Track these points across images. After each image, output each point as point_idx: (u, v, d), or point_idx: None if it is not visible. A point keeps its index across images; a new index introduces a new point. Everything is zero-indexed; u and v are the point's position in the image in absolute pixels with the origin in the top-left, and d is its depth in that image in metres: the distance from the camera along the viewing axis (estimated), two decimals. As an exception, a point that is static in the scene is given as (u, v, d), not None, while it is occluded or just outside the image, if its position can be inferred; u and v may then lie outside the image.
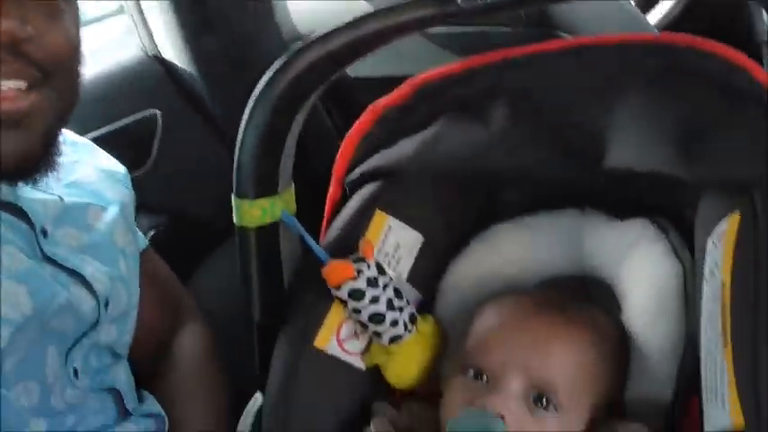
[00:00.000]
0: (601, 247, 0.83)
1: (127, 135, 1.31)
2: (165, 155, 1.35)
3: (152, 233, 1.32)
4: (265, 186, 0.83)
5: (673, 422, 0.72)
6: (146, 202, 1.34)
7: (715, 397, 0.60)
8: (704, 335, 0.64)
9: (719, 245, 0.63)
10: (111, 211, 0.90)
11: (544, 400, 0.72)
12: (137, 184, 1.30)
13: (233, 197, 0.83)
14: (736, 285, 0.59)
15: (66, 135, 0.86)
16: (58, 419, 0.77)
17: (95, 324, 0.81)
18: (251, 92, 1.34)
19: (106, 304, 0.82)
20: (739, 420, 0.56)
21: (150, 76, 1.36)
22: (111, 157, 1.00)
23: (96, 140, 1.25)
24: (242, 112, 1.33)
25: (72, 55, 0.76)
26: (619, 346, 0.76)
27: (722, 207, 0.66)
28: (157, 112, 1.34)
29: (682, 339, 0.72)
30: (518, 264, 0.87)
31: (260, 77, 0.82)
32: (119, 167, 0.99)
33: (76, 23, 0.78)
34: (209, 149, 1.41)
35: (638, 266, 0.78)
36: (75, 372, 0.80)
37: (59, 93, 0.75)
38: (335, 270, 0.78)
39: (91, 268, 0.82)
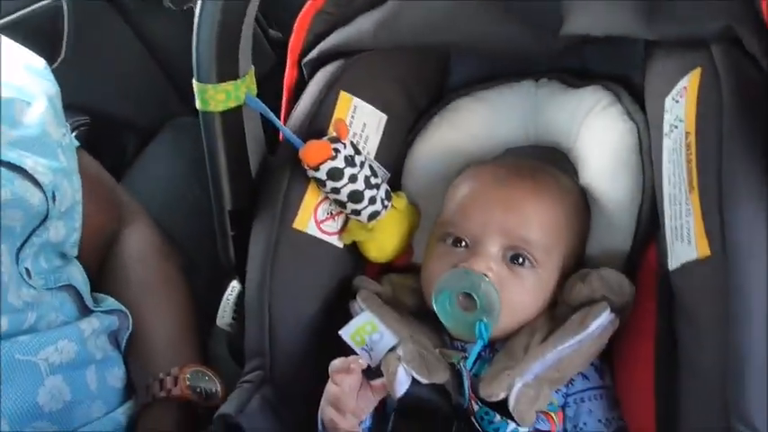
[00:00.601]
0: (557, 116, 0.88)
1: (31, 27, 1.18)
2: (77, 49, 1.23)
3: (73, 134, 1.24)
4: (227, 69, 0.80)
5: (630, 269, 0.80)
6: (64, 100, 1.26)
7: (680, 235, 0.68)
8: (667, 182, 0.71)
9: (681, 100, 0.69)
10: (39, 105, 0.84)
11: (521, 258, 0.77)
12: (50, 82, 1.22)
13: (194, 82, 0.80)
14: (701, 134, 0.65)
15: None
16: (18, 316, 0.76)
17: (44, 219, 0.78)
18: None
19: (53, 197, 0.79)
20: (705, 250, 0.63)
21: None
22: (28, 50, 0.92)
23: (-4, 33, 1.14)
24: (152, 2, 1.26)
25: None
26: (580, 203, 0.83)
27: (680, 65, 0.72)
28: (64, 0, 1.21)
29: (639, 192, 0.80)
30: (479, 137, 0.90)
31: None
32: (37, 60, 0.92)
33: None
34: (124, 42, 1.31)
35: (595, 129, 0.83)
36: (28, 272, 0.78)
37: None
38: (314, 150, 0.78)
39: (30, 161, 0.78)
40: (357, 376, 0.72)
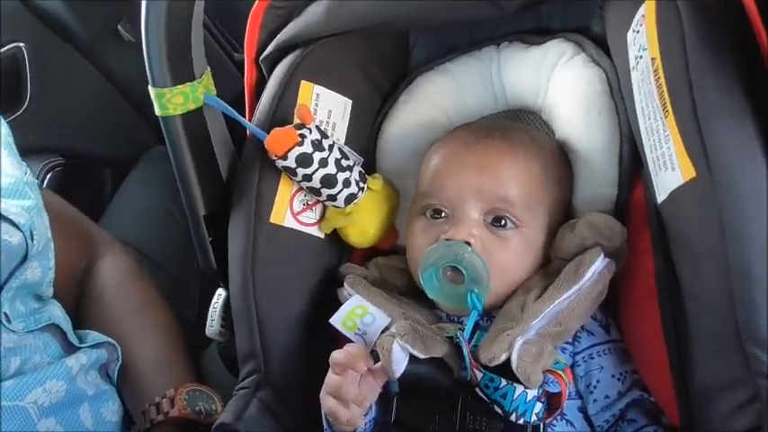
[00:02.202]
0: (522, 76, 0.86)
1: (-10, 74, 1.18)
2: (41, 91, 1.23)
3: (49, 175, 1.23)
4: (182, 72, 0.78)
5: (621, 215, 0.77)
6: (32, 145, 1.24)
7: (663, 164, 0.65)
8: (641, 116, 0.69)
9: (641, 29, 0.68)
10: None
11: (502, 220, 0.75)
12: (16, 128, 1.20)
13: (150, 88, 0.78)
14: (666, 55, 0.63)
15: None
16: (2, 363, 0.73)
17: (23, 260, 0.76)
18: (114, 13, 1.25)
19: (32, 237, 0.76)
20: (689, 171, 0.61)
21: (3, 7, 1.21)
22: None
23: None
24: (108, 35, 1.26)
25: None
26: (558, 155, 0.80)
27: (635, -2, 0.70)
28: (21, 44, 1.21)
29: (616, 135, 0.77)
30: (448, 110, 0.88)
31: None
32: None
33: None
34: (86, 79, 1.30)
35: (562, 81, 0.82)
36: (7, 317, 0.75)
37: None
38: (279, 139, 0.76)
39: (3, 204, 0.76)
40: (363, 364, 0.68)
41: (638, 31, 0.69)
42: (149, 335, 0.88)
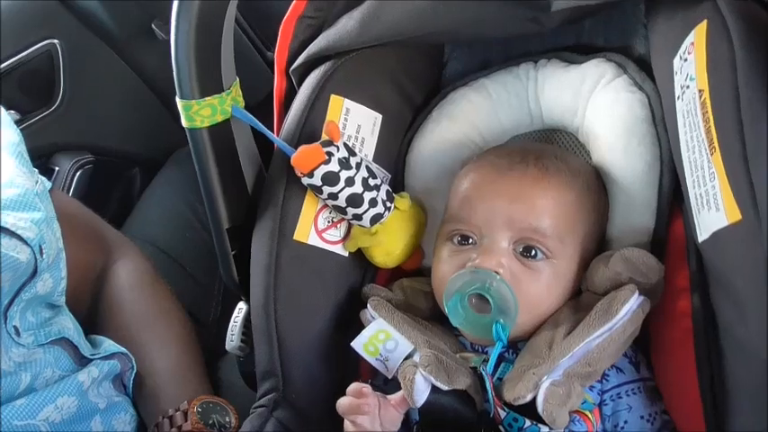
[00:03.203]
0: (560, 96, 0.82)
1: (26, 71, 1.18)
2: (74, 88, 1.24)
3: (79, 173, 1.24)
4: (210, 84, 0.77)
5: (658, 248, 0.74)
6: (64, 141, 1.25)
7: (706, 202, 0.62)
8: (685, 148, 0.65)
9: (689, 57, 0.64)
10: (4, 159, 0.80)
11: (533, 250, 0.72)
12: (48, 124, 1.22)
13: (177, 99, 0.77)
14: (715, 90, 0.60)
15: None
16: (11, 380, 0.72)
17: (33, 274, 0.75)
18: (149, 11, 1.24)
19: (40, 251, 0.75)
20: (735, 214, 0.58)
21: (39, 3, 1.21)
22: None
23: (-8, 82, 1.14)
24: (143, 33, 1.26)
25: None
26: (593, 183, 0.77)
27: (684, 21, 0.66)
28: (56, 41, 1.21)
29: (656, 163, 0.74)
30: (481, 128, 0.86)
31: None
32: None
33: None
34: (118, 76, 1.30)
35: (602, 104, 0.78)
36: (17, 330, 0.74)
37: None
38: (306, 156, 0.75)
39: (11, 218, 0.74)
40: (373, 409, 0.67)
41: (685, 59, 0.65)
42: (164, 344, 0.87)
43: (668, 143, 0.72)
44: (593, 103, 0.80)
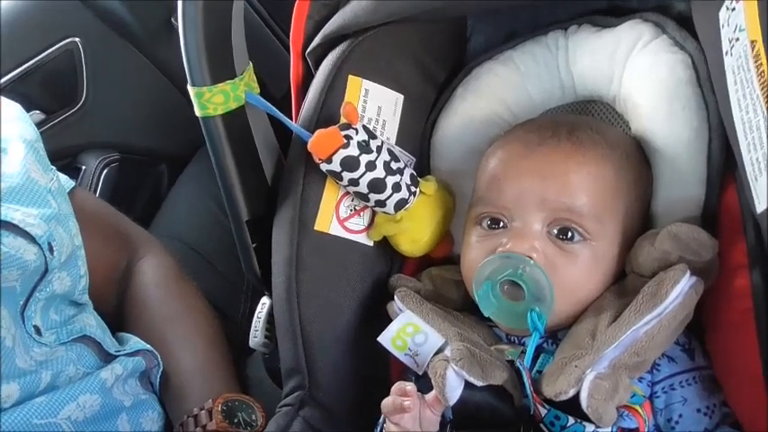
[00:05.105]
0: (594, 63, 0.76)
1: (49, 71, 1.17)
2: (97, 86, 1.22)
3: (106, 171, 1.23)
4: (221, 70, 0.74)
5: (709, 221, 0.67)
6: (89, 140, 1.25)
7: (764, 167, 0.55)
8: (737, 108, 0.58)
9: (738, 6, 0.57)
10: (17, 152, 0.79)
11: (569, 231, 0.66)
12: (73, 124, 1.21)
13: (189, 87, 0.74)
14: (770, 39, 0.53)
15: None
16: (31, 378, 0.70)
17: (45, 273, 0.73)
18: (169, 7, 1.22)
19: (50, 249, 0.73)
20: (798, 181, 0.51)
21: (58, 2, 1.20)
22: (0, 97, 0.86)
23: (15, 83, 1.14)
24: (162, 28, 1.24)
25: None
26: (634, 155, 0.71)
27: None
28: (77, 39, 1.20)
29: (704, 128, 0.67)
30: (509, 102, 0.80)
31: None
32: (11, 105, 0.86)
33: None
34: (141, 73, 1.28)
35: (640, 68, 0.72)
36: (38, 330, 0.73)
37: None
38: (323, 140, 0.70)
39: (19, 214, 0.72)
40: (415, 408, 0.62)
41: (733, 9, 0.58)
42: (190, 342, 0.85)
43: (716, 105, 0.65)
44: (630, 67, 0.73)
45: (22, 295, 0.71)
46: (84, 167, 1.22)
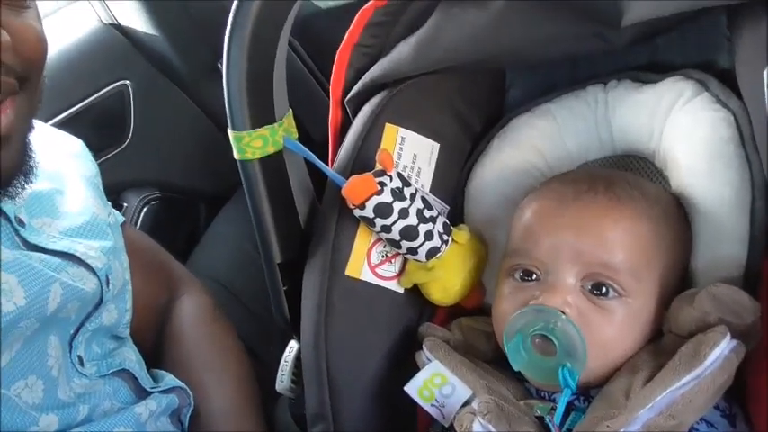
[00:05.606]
0: (633, 118, 0.76)
1: (99, 111, 1.22)
2: (143, 127, 1.27)
3: (146, 209, 1.26)
4: (262, 115, 0.76)
5: (751, 280, 0.65)
6: (132, 178, 1.28)
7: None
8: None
9: (782, 67, 0.57)
10: (79, 189, 0.82)
11: (603, 287, 0.65)
12: (118, 162, 1.25)
13: (229, 131, 0.76)
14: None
15: None
16: (69, 411, 0.71)
17: (98, 304, 0.74)
18: (216, 52, 1.27)
19: (107, 281, 0.75)
20: None
21: (112, 46, 1.26)
22: (62, 133, 0.90)
23: (66, 123, 1.19)
24: (209, 73, 1.28)
25: (44, 55, 0.67)
26: (673, 212, 0.69)
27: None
28: (128, 82, 1.25)
29: (747, 188, 0.66)
30: (546, 153, 0.80)
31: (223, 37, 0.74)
32: (73, 142, 0.90)
33: (40, 16, 0.68)
34: (186, 115, 1.33)
35: (681, 125, 0.71)
36: (81, 360, 0.74)
37: (31, 94, 0.67)
38: (357, 186, 0.71)
39: (81, 247, 0.74)
40: None
41: (777, 70, 0.58)
42: (220, 383, 0.85)
43: (760, 165, 0.64)
44: (672, 124, 0.72)
45: (73, 325, 0.73)
46: (125, 204, 1.26)
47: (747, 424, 0.63)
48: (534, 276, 0.68)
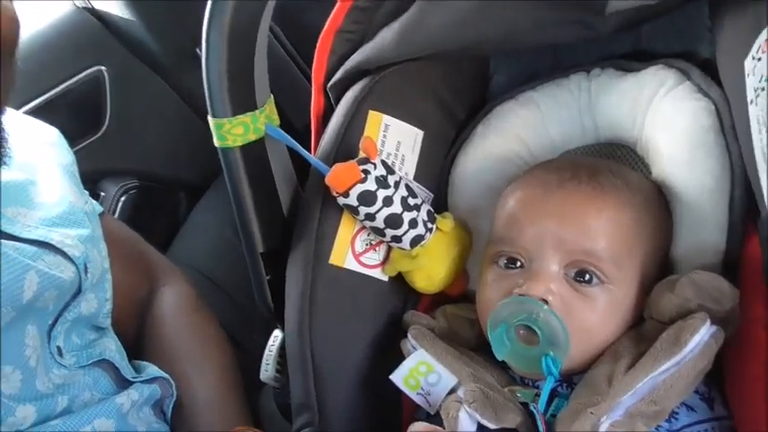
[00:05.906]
0: (616, 107, 0.76)
1: (74, 98, 1.20)
2: (120, 114, 1.25)
3: (124, 198, 1.24)
4: (242, 101, 0.74)
5: (729, 267, 0.67)
6: (110, 167, 1.26)
7: (787, 219, 0.55)
8: (762, 158, 0.58)
9: (764, 57, 0.57)
10: (55, 178, 0.80)
11: (586, 275, 0.66)
12: (95, 150, 1.23)
13: (209, 118, 0.75)
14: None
15: None
16: (48, 402, 0.70)
17: (77, 293, 0.73)
18: (194, 36, 1.25)
19: (85, 270, 0.74)
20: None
21: (86, 30, 1.23)
22: (38, 122, 0.88)
23: (40, 110, 1.16)
24: (187, 58, 1.25)
25: (17, 35, 0.64)
26: (654, 201, 0.70)
27: (755, 18, 0.60)
28: (103, 68, 1.22)
29: (727, 176, 0.67)
30: (529, 141, 0.80)
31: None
32: (49, 131, 0.88)
33: None
34: (164, 102, 1.31)
35: (662, 113, 0.71)
36: (60, 351, 0.73)
37: (4, 76, 0.64)
38: (340, 174, 0.71)
39: (57, 235, 0.73)
40: None
41: (759, 59, 0.58)
42: (203, 373, 0.84)
43: (740, 153, 0.65)
44: (653, 112, 0.73)
45: (51, 315, 0.71)
46: (103, 194, 1.24)
47: (725, 407, 0.65)
48: (518, 264, 0.69)
